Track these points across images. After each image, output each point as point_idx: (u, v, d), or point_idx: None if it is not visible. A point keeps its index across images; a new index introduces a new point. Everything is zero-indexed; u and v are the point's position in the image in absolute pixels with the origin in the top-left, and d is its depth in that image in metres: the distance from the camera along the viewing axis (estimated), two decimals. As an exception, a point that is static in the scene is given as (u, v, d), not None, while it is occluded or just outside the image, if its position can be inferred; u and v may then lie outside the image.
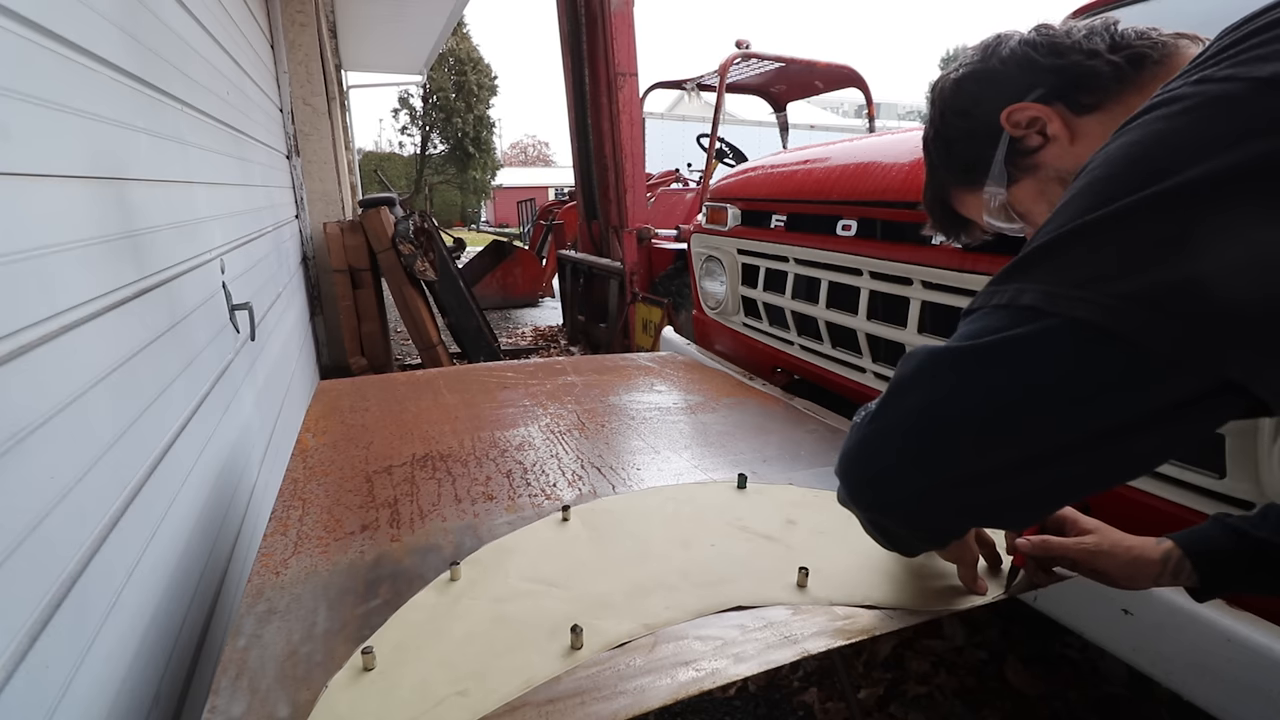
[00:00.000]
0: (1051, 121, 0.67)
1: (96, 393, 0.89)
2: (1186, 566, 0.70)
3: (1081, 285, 0.44)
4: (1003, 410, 0.47)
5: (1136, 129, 0.46)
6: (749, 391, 1.71)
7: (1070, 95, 0.66)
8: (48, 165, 0.85)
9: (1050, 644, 1.62)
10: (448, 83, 24.37)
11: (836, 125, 17.25)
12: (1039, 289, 0.46)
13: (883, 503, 0.57)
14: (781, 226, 1.82)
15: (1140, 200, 0.42)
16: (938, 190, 0.81)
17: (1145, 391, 0.43)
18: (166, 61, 1.47)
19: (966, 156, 0.74)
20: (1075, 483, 0.50)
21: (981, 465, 0.49)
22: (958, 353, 0.49)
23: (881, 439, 0.55)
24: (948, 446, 0.50)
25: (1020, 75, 0.69)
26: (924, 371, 0.52)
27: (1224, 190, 0.40)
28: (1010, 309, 0.47)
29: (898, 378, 0.55)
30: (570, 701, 0.64)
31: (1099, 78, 0.65)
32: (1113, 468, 0.49)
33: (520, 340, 5.67)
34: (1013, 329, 0.46)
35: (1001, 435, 0.48)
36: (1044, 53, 0.68)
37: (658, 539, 0.95)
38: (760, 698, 1.58)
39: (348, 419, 1.45)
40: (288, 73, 3.67)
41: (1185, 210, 0.41)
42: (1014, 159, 0.70)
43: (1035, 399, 0.46)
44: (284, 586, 0.84)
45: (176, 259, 1.37)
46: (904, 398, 0.53)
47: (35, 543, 0.69)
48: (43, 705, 0.67)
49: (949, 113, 0.76)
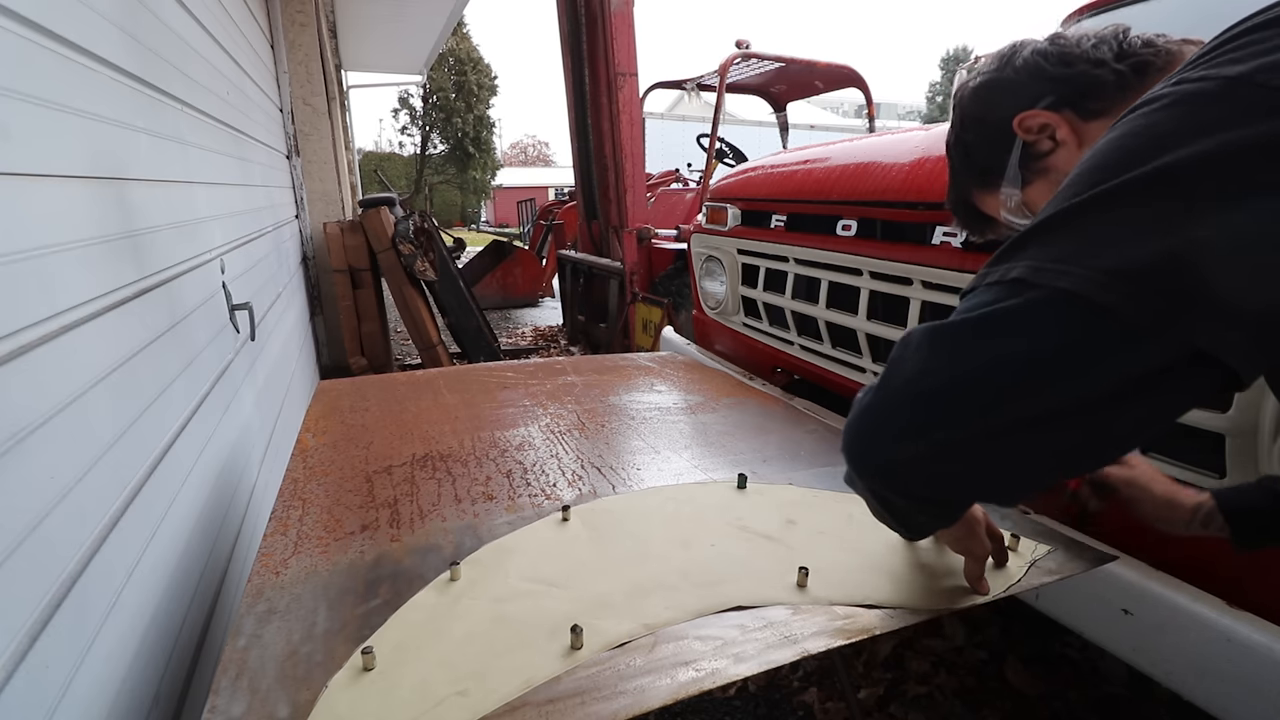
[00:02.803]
0: (1060, 128, 0.71)
1: (96, 393, 0.89)
2: (1217, 519, 0.76)
3: (1065, 260, 0.47)
4: (992, 376, 0.50)
5: (1121, 125, 0.50)
6: (749, 391, 1.71)
7: (1078, 102, 0.70)
8: (48, 165, 0.85)
9: (1050, 644, 1.62)
10: (448, 83, 24.37)
11: (836, 125, 17.25)
12: (1026, 264, 0.49)
13: (883, 471, 0.59)
14: (781, 226, 1.82)
15: (1118, 184, 0.46)
16: (960, 191, 0.86)
17: (1122, 358, 0.46)
18: (166, 61, 1.47)
19: (984, 160, 0.79)
20: (1067, 452, 0.52)
21: (974, 430, 0.51)
22: (952, 325, 0.52)
23: (880, 408, 0.58)
24: (942, 412, 0.52)
25: (1032, 84, 0.73)
26: (921, 344, 0.55)
27: (1191, 175, 0.43)
28: (1000, 284, 0.50)
29: (896, 352, 0.57)
30: (570, 701, 0.64)
31: (1104, 86, 0.69)
32: (1101, 437, 0.51)
33: (520, 340, 5.67)
34: (1002, 301, 0.49)
35: (992, 400, 0.50)
36: (1054, 62, 0.72)
37: (658, 539, 0.95)
38: (760, 698, 1.58)
39: (348, 419, 1.45)
40: (288, 73, 3.67)
41: (1157, 192, 0.45)
42: (1027, 162, 0.74)
43: (1022, 366, 0.49)
44: (284, 586, 0.84)
45: (176, 259, 1.37)
46: (902, 368, 0.56)
47: (35, 543, 0.69)
48: (43, 705, 0.67)
49: (968, 119, 0.81)
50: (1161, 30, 0.71)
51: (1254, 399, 0.88)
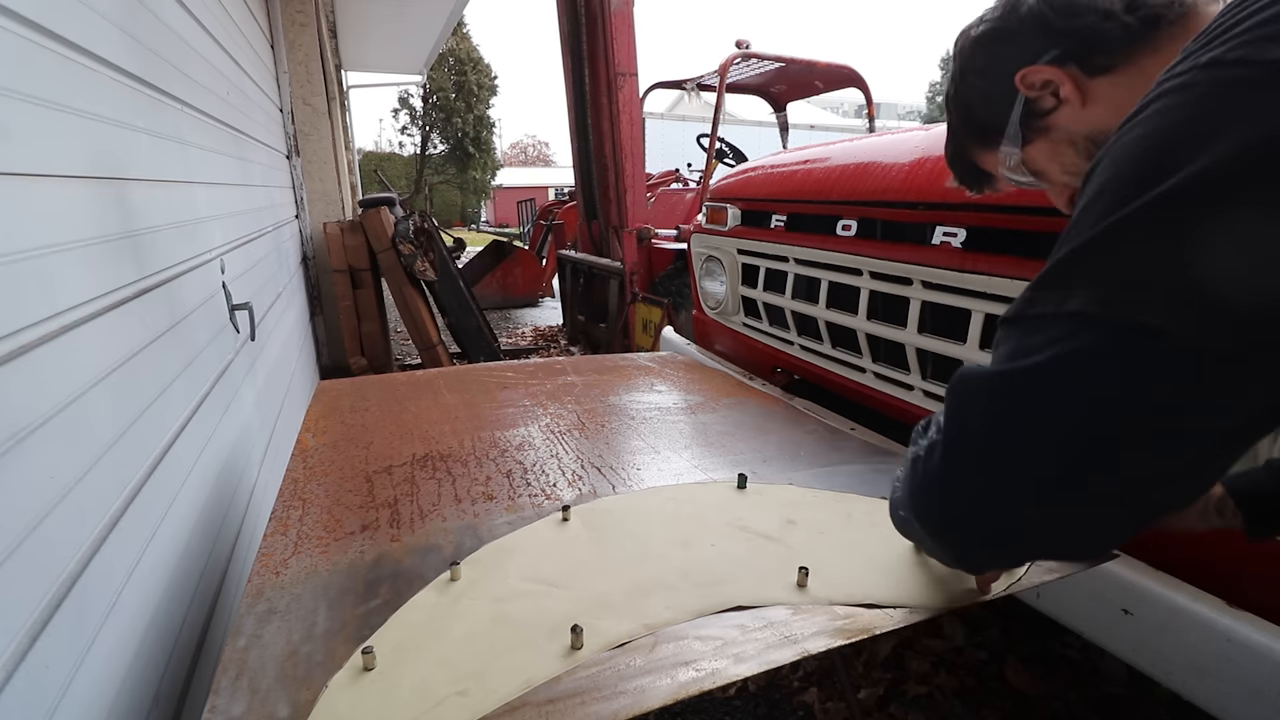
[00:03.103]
0: (1064, 84, 0.66)
1: (96, 393, 0.89)
2: (1229, 505, 0.73)
3: (1129, 288, 0.43)
4: (1094, 424, 0.45)
5: (1143, 122, 0.45)
6: (749, 391, 1.71)
7: (1084, 57, 0.66)
8: (48, 165, 0.85)
9: (1050, 644, 1.62)
10: (448, 83, 24.36)
11: (836, 125, 17.25)
12: (1086, 294, 0.45)
13: (995, 541, 0.55)
14: (781, 226, 1.81)
15: (1162, 194, 0.41)
16: (959, 146, 0.82)
17: (1209, 385, 0.42)
18: (166, 61, 1.47)
19: (983, 116, 0.75)
20: (1175, 490, 0.48)
21: (1092, 487, 0.46)
22: (1013, 375, 0.47)
23: (955, 477, 0.53)
24: (1025, 476, 0.48)
25: (1036, 35, 0.68)
26: (979, 397, 0.50)
27: (1240, 178, 0.39)
28: (1058, 318, 0.46)
29: (954, 409, 0.53)
30: (570, 701, 0.64)
31: (1112, 40, 0.64)
32: (1203, 470, 0.47)
33: (520, 340, 5.67)
34: (1066, 340, 0.45)
35: (1105, 451, 0.45)
36: (1060, 12, 0.67)
37: (658, 539, 0.95)
38: (760, 698, 1.58)
39: (348, 419, 1.45)
40: (288, 73, 3.67)
41: (1208, 201, 0.40)
42: (1028, 120, 0.70)
43: (1120, 408, 0.44)
44: (284, 586, 0.84)
45: (176, 259, 1.37)
46: (966, 431, 0.51)
47: (35, 543, 0.69)
48: (43, 705, 0.67)
49: (968, 71, 0.76)
50: None
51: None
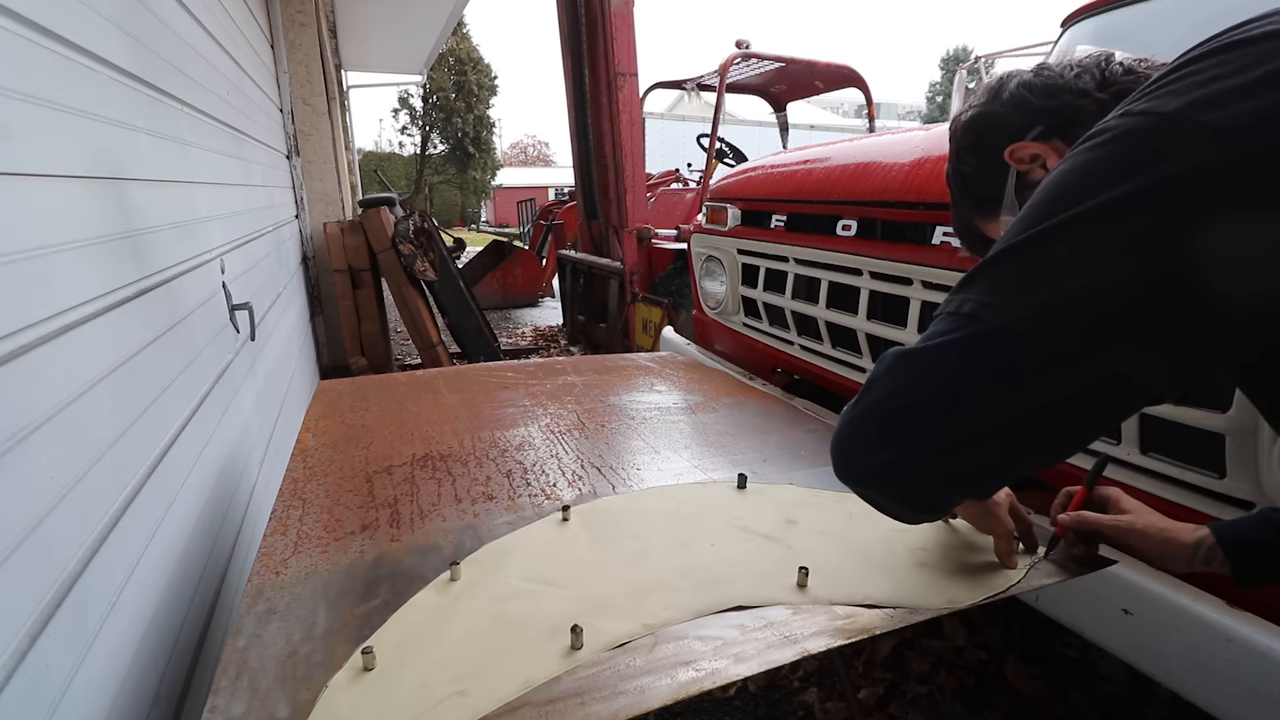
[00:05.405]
0: (1050, 157, 0.74)
1: (96, 393, 0.89)
2: (1219, 554, 0.74)
3: (1006, 296, 0.53)
4: (949, 395, 0.56)
5: (1069, 159, 0.54)
6: (749, 391, 1.71)
7: (1065, 131, 0.73)
8: (48, 165, 0.85)
9: (1050, 644, 1.62)
10: (448, 83, 24.35)
11: (836, 125, 17.24)
12: (976, 299, 0.55)
13: (862, 480, 0.64)
14: (781, 226, 1.82)
15: (1055, 223, 0.51)
16: (964, 218, 0.89)
17: (1054, 382, 0.52)
18: (166, 61, 1.47)
19: (981, 189, 0.82)
20: (1021, 454, 0.58)
21: (938, 441, 0.57)
22: (917, 351, 0.59)
23: (858, 424, 0.63)
24: (910, 427, 0.58)
25: (1020, 115, 0.76)
26: (892, 367, 0.61)
27: (1118, 213, 0.47)
28: (955, 315, 0.56)
29: (872, 373, 0.64)
30: (570, 701, 0.64)
31: (1088, 115, 0.70)
32: (1047, 442, 0.57)
33: (520, 340, 5.67)
34: (954, 332, 0.56)
35: (950, 416, 0.57)
36: (1039, 94, 0.75)
37: (658, 539, 0.95)
38: (760, 698, 1.58)
39: (348, 419, 1.45)
40: (288, 73, 3.67)
41: (1087, 231, 0.49)
42: (1021, 190, 0.77)
43: (973, 390, 0.55)
44: (284, 586, 0.84)
45: (176, 259, 1.37)
46: (874, 388, 0.62)
47: (35, 543, 0.69)
48: (43, 705, 0.67)
49: (963, 150, 0.84)
50: (1159, 30, 0.71)
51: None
